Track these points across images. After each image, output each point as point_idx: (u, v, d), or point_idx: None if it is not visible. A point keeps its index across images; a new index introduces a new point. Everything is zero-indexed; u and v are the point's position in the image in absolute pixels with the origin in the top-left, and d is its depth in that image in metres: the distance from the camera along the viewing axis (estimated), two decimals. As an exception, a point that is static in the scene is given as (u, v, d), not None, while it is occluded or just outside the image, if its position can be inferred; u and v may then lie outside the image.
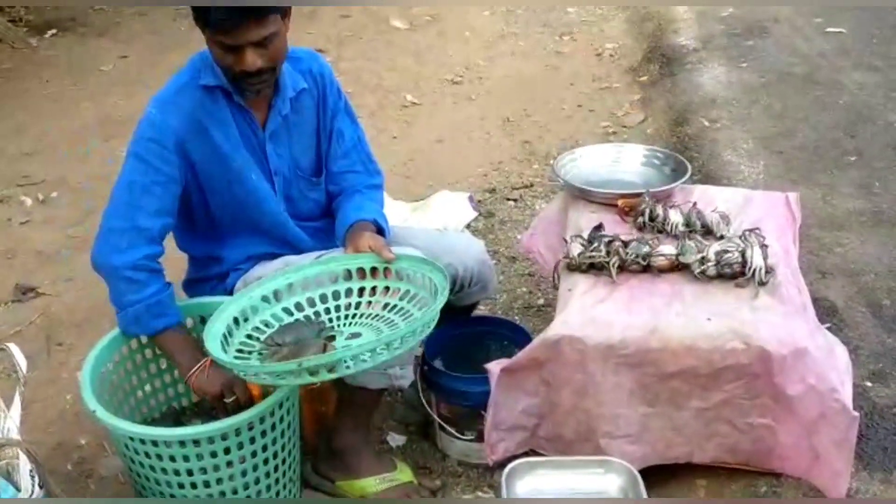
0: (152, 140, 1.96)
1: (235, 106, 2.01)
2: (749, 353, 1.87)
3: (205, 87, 1.98)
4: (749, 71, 4.41)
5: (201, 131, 1.99)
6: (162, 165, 1.96)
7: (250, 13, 1.81)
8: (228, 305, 1.90)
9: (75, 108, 4.71)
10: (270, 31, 1.85)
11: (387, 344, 1.67)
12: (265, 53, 1.88)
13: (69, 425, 2.44)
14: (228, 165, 2.03)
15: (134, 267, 1.95)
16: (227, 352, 1.80)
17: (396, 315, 1.92)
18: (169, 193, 1.98)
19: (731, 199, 2.41)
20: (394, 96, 4.80)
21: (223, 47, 1.86)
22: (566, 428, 2.06)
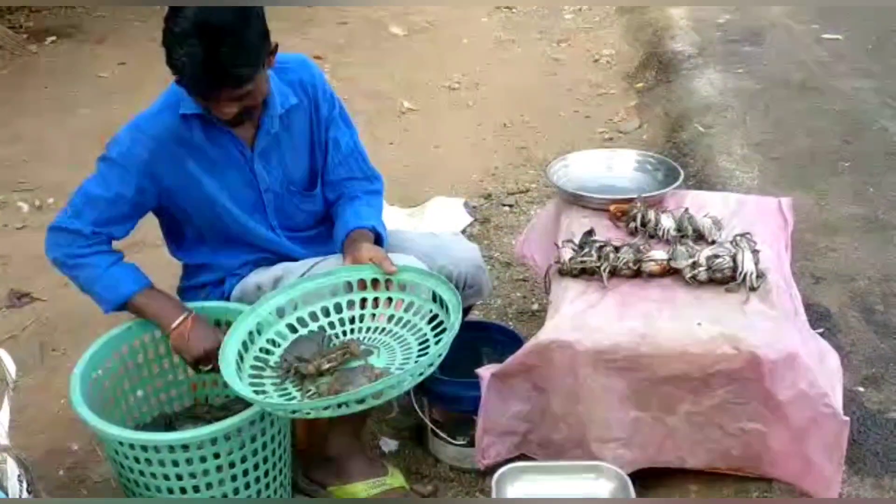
0: (114, 161, 1.99)
1: (217, 130, 1.99)
2: (740, 357, 1.87)
3: (182, 116, 1.96)
4: (745, 77, 4.42)
5: (173, 159, 1.99)
6: (116, 185, 1.98)
7: (225, 83, 1.80)
8: (236, 328, 1.90)
9: (74, 115, 4.72)
10: (248, 88, 1.84)
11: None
12: (242, 104, 1.87)
13: (62, 430, 2.44)
14: (207, 192, 2.03)
15: (75, 255, 2.02)
16: (241, 376, 1.80)
17: (403, 328, 1.93)
18: (113, 209, 2.01)
19: (723, 204, 2.41)
20: (391, 103, 4.81)
21: (197, 98, 1.87)
22: (557, 433, 2.06)
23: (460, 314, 1.81)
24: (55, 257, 2.04)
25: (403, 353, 1.90)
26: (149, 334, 2.09)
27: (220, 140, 2.01)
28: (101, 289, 2.02)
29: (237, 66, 1.79)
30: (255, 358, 1.91)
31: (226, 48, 1.75)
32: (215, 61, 1.76)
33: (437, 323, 1.93)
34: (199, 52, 1.75)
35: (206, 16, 1.77)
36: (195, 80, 1.80)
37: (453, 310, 1.84)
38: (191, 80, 1.80)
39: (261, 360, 1.91)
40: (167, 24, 1.80)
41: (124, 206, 2.01)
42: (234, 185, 2.05)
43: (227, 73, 1.78)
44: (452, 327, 1.78)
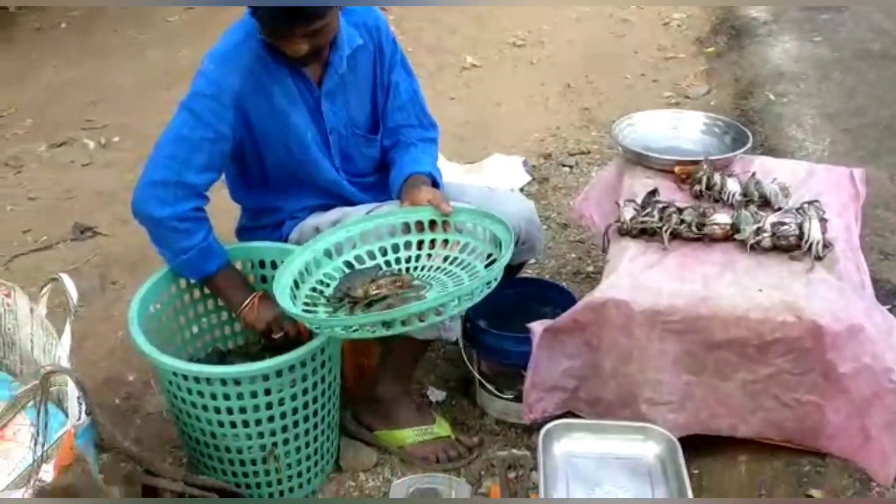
0: (208, 96, 1.94)
1: (289, 66, 1.98)
2: (801, 326, 1.81)
3: (263, 42, 1.94)
4: (822, 45, 4.26)
5: (260, 89, 1.97)
6: (215, 122, 1.94)
7: (301, 17, 1.79)
8: (293, 260, 1.91)
9: (141, 58, 4.79)
10: (321, 24, 1.83)
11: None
12: (315, 42, 1.86)
13: (118, 361, 2.50)
14: (286, 122, 2.02)
15: (180, 218, 1.95)
16: (295, 304, 1.81)
17: (458, 268, 1.93)
18: (217, 150, 1.97)
19: (792, 171, 2.33)
20: (454, 58, 4.76)
21: (271, 33, 1.86)
22: (606, 391, 2.03)
23: (512, 246, 1.80)
24: (160, 216, 1.94)
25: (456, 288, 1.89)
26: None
27: (294, 73, 2.00)
28: (193, 259, 2.00)
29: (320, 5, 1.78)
30: (311, 290, 1.93)
31: None
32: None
33: (492, 262, 1.91)
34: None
35: None
36: (270, 14, 1.78)
37: (505, 245, 1.83)
38: (265, 13, 1.79)
39: (316, 293, 1.93)
40: None
41: (225, 146, 1.98)
42: (305, 122, 2.05)
43: (301, 9, 1.77)
44: (503, 257, 1.77)
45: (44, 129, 4.00)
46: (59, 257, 3.01)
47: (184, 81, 4.24)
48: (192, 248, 1.98)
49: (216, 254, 2.04)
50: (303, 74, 2.01)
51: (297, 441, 1.93)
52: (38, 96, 4.38)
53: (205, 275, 2.05)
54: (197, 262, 2.02)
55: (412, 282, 1.88)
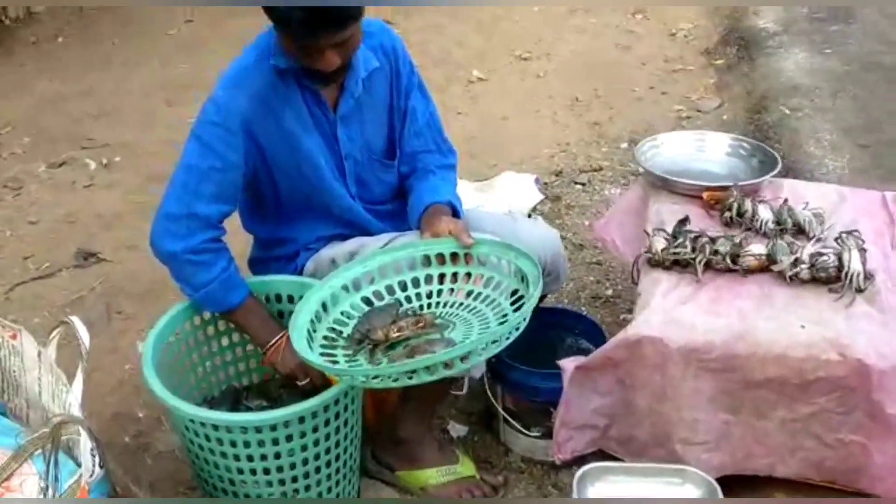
0: (216, 124, 1.87)
1: (306, 88, 1.91)
2: (845, 365, 1.75)
3: (275, 67, 1.88)
4: (833, 58, 4.20)
5: (270, 113, 1.90)
6: (224, 150, 1.87)
7: (336, 21, 1.71)
8: (309, 298, 1.83)
9: (141, 72, 4.69)
10: (351, 32, 1.76)
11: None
12: (343, 53, 1.79)
13: (127, 396, 2.42)
14: (298, 148, 1.94)
15: (194, 251, 1.89)
16: (312, 347, 1.73)
17: (482, 303, 1.85)
18: (228, 180, 1.90)
19: (823, 196, 2.26)
20: (461, 71, 4.68)
21: (299, 48, 1.77)
22: (640, 430, 1.96)
23: (541, 284, 1.72)
24: (173, 251, 1.88)
25: (481, 327, 1.82)
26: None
27: (308, 98, 1.93)
28: (213, 291, 1.92)
29: (344, 5, 1.70)
30: (329, 329, 1.85)
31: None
32: None
33: (517, 298, 1.84)
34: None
35: None
36: (301, 22, 1.69)
37: (533, 282, 1.75)
38: (297, 23, 1.70)
39: (334, 332, 1.85)
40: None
41: (236, 175, 1.91)
42: (319, 146, 1.97)
43: (332, 13, 1.69)
44: (531, 297, 1.69)
45: (42, 148, 3.90)
46: (61, 286, 2.92)
47: (186, 97, 4.24)
48: (213, 281, 1.91)
49: (238, 285, 1.95)
50: (318, 98, 1.94)
51: (318, 487, 1.85)
52: (35, 113, 4.28)
53: (228, 308, 1.96)
54: (218, 295, 1.93)
55: (434, 321, 1.79)
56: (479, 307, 1.85)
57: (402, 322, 1.77)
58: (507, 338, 1.63)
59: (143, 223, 3.13)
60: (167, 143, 3.81)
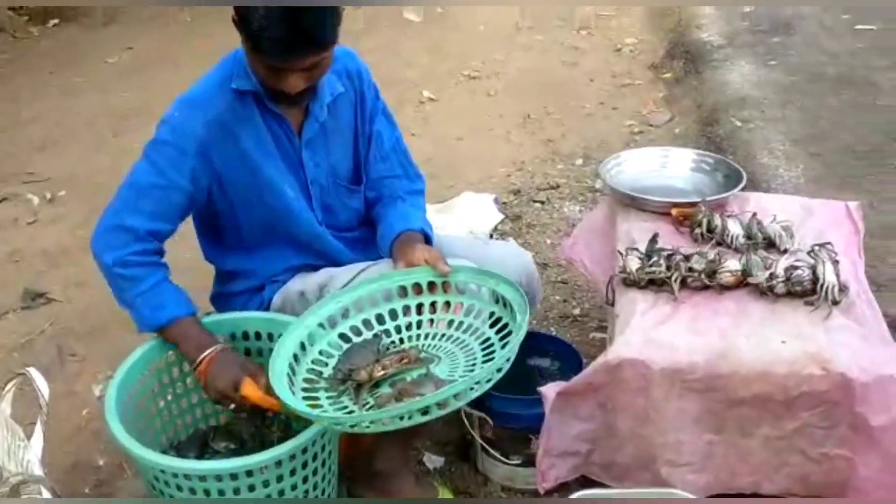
0: (167, 143, 1.83)
1: (269, 112, 1.86)
2: (828, 379, 1.73)
3: (236, 91, 1.83)
4: (778, 69, 4.28)
5: (229, 137, 1.84)
6: (169, 170, 1.82)
7: (310, 45, 1.66)
8: (285, 339, 1.75)
9: (82, 102, 4.55)
10: (325, 55, 1.71)
11: (498, 369, 1.56)
12: (311, 76, 1.73)
13: (86, 444, 2.30)
14: (259, 174, 1.88)
15: (124, 263, 1.83)
16: (294, 392, 1.66)
17: (465, 333, 1.79)
18: (168, 199, 1.85)
19: (789, 208, 2.27)
20: (411, 92, 4.66)
21: (266, 67, 1.71)
22: (623, 454, 1.92)
23: (527, 313, 1.68)
24: (105, 262, 1.85)
25: (467, 359, 1.77)
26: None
27: (270, 123, 1.87)
28: (144, 306, 1.84)
29: (322, 26, 1.65)
30: (308, 370, 1.78)
31: (312, 8, 1.61)
32: (299, 19, 1.61)
33: (501, 325, 1.80)
34: (279, 11, 1.60)
35: None
36: (277, 42, 1.63)
37: (519, 309, 1.71)
38: (271, 42, 1.64)
39: (314, 374, 1.77)
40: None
41: (178, 196, 1.85)
42: (282, 171, 1.91)
43: (311, 35, 1.64)
44: (520, 328, 1.65)
45: (-20, 184, 3.75)
46: (9, 329, 2.78)
47: (132, 126, 4.12)
48: (140, 295, 1.84)
49: (168, 302, 1.85)
50: (283, 122, 1.88)
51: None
52: (-29, 147, 4.12)
53: (156, 326, 1.86)
54: (145, 312, 1.85)
55: (419, 355, 1.74)
56: (462, 337, 1.80)
57: (386, 360, 1.71)
58: (498, 370, 1.57)
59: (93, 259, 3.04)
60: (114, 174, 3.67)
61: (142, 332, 1.89)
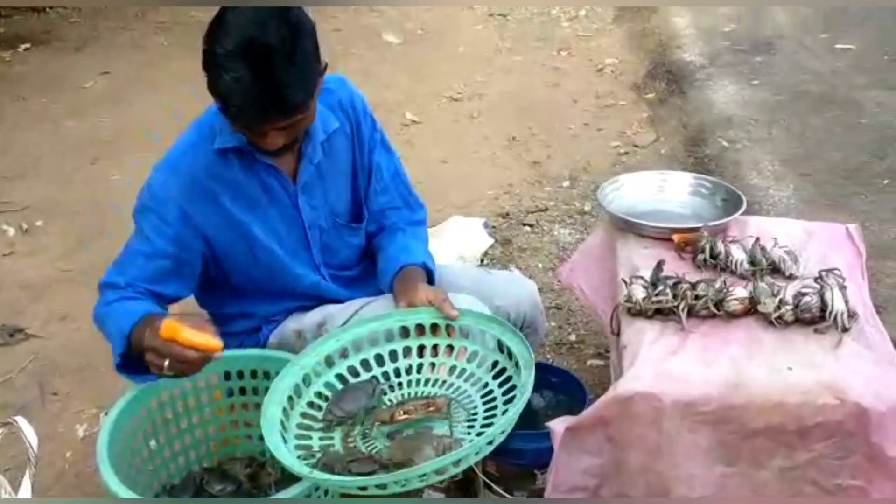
0: (149, 209, 1.77)
1: (259, 163, 1.78)
2: (843, 409, 1.69)
3: (218, 151, 1.75)
4: (762, 89, 4.29)
5: (209, 199, 1.78)
6: (153, 236, 1.76)
7: (278, 111, 1.59)
8: (278, 383, 1.67)
9: (57, 128, 4.45)
10: (300, 116, 1.64)
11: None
12: (290, 133, 1.67)
13: (70, 488, 2.21)
14: (247, 234, 1.82)
15: (105, 303, 1.74)
16: (286, 440, 1.58)
17: (466, 382, 1.73)
18: (152, 267, 1.77)
19: (790, 232, 2.24)
20: (393, 115, 4.61)
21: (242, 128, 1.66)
22: (634, 489, 1.87)
23: (533, 370, 1.61)
24: (93, 315, 1.77)
25: (467, 412, 1.70)
26: (178, 387, 1.87)
27: (260, 175, 1.80)
28: (113, 331, 1.66)
29: (292, 91, 1.58)
30: (303, 415, 1.70)
31: (279, 71, 1.55)
32: (267, 88, 1.55)
33: (504, 378, 1.73)
34: (248, 77, 1.54)
35: (254, 33, 1.55)
36: (243, 109, 1.58)
37: (525, 365, 1.63)
38: (238, 109, 1.58)
39: (309, 417, 1.70)
40: (207, 44, 1.58)
41: (164, 262, 1.77)
42: (275, 223, 1.84)
43: (281, 101, 1.57)
44: (525, 387, 1.56)
45: (-48, 216, 3.64)
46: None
47: (110, 153, 4.02)
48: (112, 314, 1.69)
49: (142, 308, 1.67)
50: (274, 171, 1.81)
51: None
52: (-59, 177, 4.01)
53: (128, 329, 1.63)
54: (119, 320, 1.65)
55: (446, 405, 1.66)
56: (463, 386, 1.74)
57: (411, 404, 1.64)
58: (502, 433, 1.49)
59: (74, 291, 2.96)
60: (93, 202, 3.62)
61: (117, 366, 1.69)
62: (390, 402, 1.73)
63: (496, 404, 1.68)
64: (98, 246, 3.25)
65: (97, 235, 3.33)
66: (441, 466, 1.43)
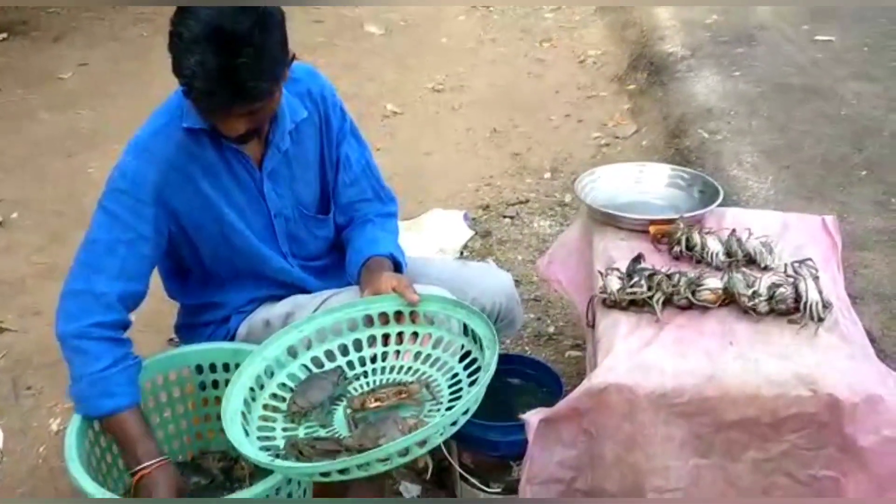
0: (124, 192, 1.72)
1: (226, 147, 1.77)
2: (817, 400, 1.70)
3: (188, 130, 1.73)
4: (743, 80, 4.29)
5: (185, 179, 1.75)
6: (133, 221, 1.71)
7: (240, 98, 1.57)
8: (240, 375, 1.65)
9: (33, 121, 4.40)
10: (263, 104, 1.63)
11: (465, 412, 1.47)
12: (251, 120, 1.65)
13: (42, 483, 2.19)
14: (219, 214, 1.80)
15: (80, 335, 1.67)
16: (248, 432, 1.56)
17: (432, 367, 1.72)
18: (136, 254, 1.73)
19: (766, 224, 2.23)
20: (374, 106, 4.59)
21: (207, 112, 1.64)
22: (609, 481, 1.86)
23: (497, 351, 1.61)
24: (60, 332, 1.69)
25: (433, 396, 1.69)
26: (150, 381, 1.85)
27: (228, 158, 1.79)
28: (89, 387, 1.67)
29: (255, 79, 1.56)
30: (265, 406, 1.69)
31: (243, 59, 1.53)
32: (230, 74, 1.53)
33: (470, 359, 1.73)
34: (211, 62, 1.52)
35: (221, 20, 1.53)
36: (205, 94, 1.56)
37: (488, 346, 1.64)
38: (200, 94, 1.57)
39: (270, 409, 1.69)
40: (174, 27, 1.57)
41: (146, 248, 1.74)
42: (242, 207, 1.83)
43: (243, 88, 1.56)
44: (488, 367, 1.57)
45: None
46: (-41, 362, 2.66)
47: (87, 147, 3.98)
48: (88, 375, 1.66)
49: (116, 391, 1.67)
50: (241, 155, 1.79)
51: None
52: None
53: (96, 413, 1.68)
54: (89, 395, 1.67)
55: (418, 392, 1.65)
56: (429, 371, 1.73)
57: (383, 391, 1.62)
58: (465, 413, 1.49)
59: (50, 286, 2.92)
60: (69, 197, 3.58)
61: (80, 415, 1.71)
62: (356, 390, 1.72)
63: (462, 387, 1.68)
64: (74, 241, 3.14)
65: (73, 230, 3.27)
66: (404, 447, 1.41)
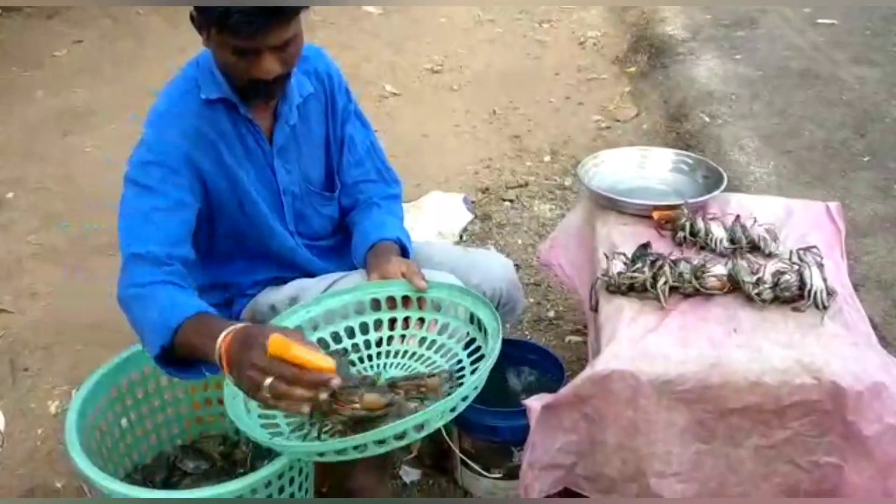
0: (152, 163, 1.67)
1: (242, 119, 1.76)
2: (820, 388, 1.69)
3: (206, 101, 1.72)
4: (744, 64, 4.27)
5: (209, 147, 1.73)
6: (167, 188, 1.66)
7: (277, 14, 1.55)
8: None
9: (28, 99, 4.35)
10: (293, 32, 1.60)
11: (463, 398, 1.45)
12: (284, 58, 1.63)
13: (42, 465, 2.18)
14: (237, 183, 1.78)
15: (138, 284, 1.57)
16: (249, 409, 1.55)
17: (436, 353, 1.70)
18: (175, 220, 1.66)
19: (770, 210, 2.23)
20: (372, 87, 4.56)
21: (237, 52, 1.59)
22: (610, 467, 1.86)
23: (500, 340, 1.60)
24: (119, 295, 1.59)
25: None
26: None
27: (242, 132, 1.77)
28: (154, 319, 1.51)
29: None
30: None
31: None
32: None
33: (474, 348, 1.71)
34: None
35: None
36: (245, 15, 1.52)
37: (492, 335, 1.63)
38: (240, 15, 1.52)
39: None
40: None
41: (185, 214, 1.68)
42: (255, 181, 1.82)
43: (279, 8, 1.53)
44: (491, 354, 1.55)
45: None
46: (-44, 343, 2.64)
47: (85, 125, 3.94)
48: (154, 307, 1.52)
49: (190, 304, 1.53)
50: (254, 128, 1.78)
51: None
52: None
53: (174, 325, 1.48)
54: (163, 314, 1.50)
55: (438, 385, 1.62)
56: (433, 357, 1.71)
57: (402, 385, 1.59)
58: (463, 399, 1.47)
59: (47, 267, 2.91)
60: (65, 176, 3.55)
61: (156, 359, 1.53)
62: (359, 373, 1.71)
63: (464, 373, 1.67)
64: (70, 221, 3.20)
65: (69, 210, 3.27)
66: (402, 430, 1.38)
